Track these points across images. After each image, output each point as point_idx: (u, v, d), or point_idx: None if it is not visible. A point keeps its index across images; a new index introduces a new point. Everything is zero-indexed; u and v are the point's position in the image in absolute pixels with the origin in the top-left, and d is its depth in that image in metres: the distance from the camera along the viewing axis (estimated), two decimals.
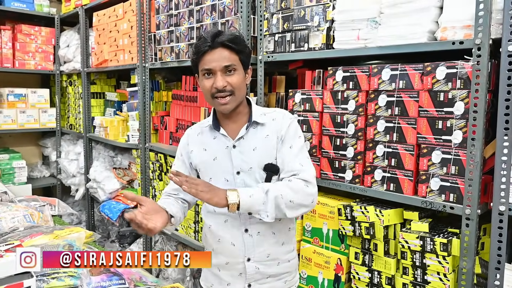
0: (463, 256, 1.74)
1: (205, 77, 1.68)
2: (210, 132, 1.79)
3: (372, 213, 2.01)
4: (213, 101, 1.69)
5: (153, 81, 3.71)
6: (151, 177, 3.63)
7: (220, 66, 1.63)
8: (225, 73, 1.65)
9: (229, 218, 1.72)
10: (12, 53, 4.77)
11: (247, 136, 1.73)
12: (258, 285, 1.76)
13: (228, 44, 1.64)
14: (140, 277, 1.99)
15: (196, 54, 1.68)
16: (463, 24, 1.72)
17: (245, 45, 1.72)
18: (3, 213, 2.60)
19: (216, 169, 1.74)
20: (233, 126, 1.76)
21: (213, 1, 2.77)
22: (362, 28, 2.06)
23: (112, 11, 3.93)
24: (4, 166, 4.68)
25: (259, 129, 1.74)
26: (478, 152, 1.68)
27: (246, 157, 1.71)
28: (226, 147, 1.73)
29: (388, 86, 1.97)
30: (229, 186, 1.69)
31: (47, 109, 5.04)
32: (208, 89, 1.67)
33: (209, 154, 1.76)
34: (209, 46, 1.64)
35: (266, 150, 1.71)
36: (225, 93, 1.65)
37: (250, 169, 1.70)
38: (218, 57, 1.64)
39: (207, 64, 1.65)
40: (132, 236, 4.49)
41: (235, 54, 1.66)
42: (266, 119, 1.74)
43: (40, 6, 4.95)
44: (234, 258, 1.74)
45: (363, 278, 2.09)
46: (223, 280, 1.79)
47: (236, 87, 1.66)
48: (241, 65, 1.70)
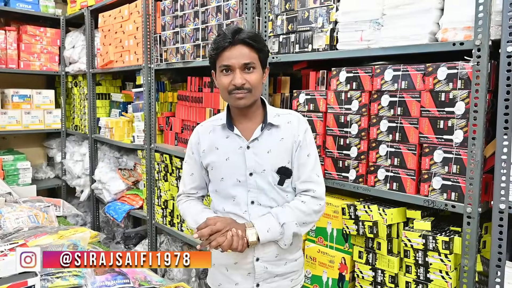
0: (464, 254, 1.76)
1: (223, 73, 1.66)
2: (222, 131, 1.77)
3: (375, 212, 2.03)
4: (229, 97, 1.67)
5: (158, 82, 3.74)
6: (156, 178, 3.66)
7: (239, 63, 1.62)
8: (244, 70, 1.63)
9: (237, 219, 1.70)
10: (17, 54, 4.79)
11: (262, 137, 1.72)
12: (266, 284, 1.76)
13: (249, 41, 1.63)
14: (145, 276, 1.99)
15: (216, 50, 1.66)
16: (463, 25, 1.75)
17: (264, 44, 1.71)
18: (8, 213, 2.62)
19: (228, 169, 1.73)
20: (247, 125, 1.74)
21: (218, 3, 2.81)
22: (365, 29, 2.09)
23: (118, 12, 3.96)
24: (9, 167, 4.67)
25: (273, 131, 1.74)
26: (478, 151, 1.70)
27: (260, 159, 1.70)
28: (240, 148, 1.72)
29: (391, 86, 1.99)
30: (241, 186, 1.72)
31: (52, 110, 5.05)
32: (226, 86, 1.65)
33: (221, 154, 1.75)
34: (229, 42, 1.62)
35: (281, 153, 1.72)
36: (242, 90, 1.63)
37: (263, 171, 1.70)
38: (238, 54, 1.62)
39: (226, 60, 1.63)
40: (137, 237, 4.51)
41: (255, 52, 1.65)
42: (280, 121, 1.74)
43: (45, 7, 4.97)
44: (243, 258, 1.72)
45: (366, 277, 2.12)
46: (231, 280, 1.78)
47: (254, 85, 1.65)
48: (259, 64, 1.68)
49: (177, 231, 3.45)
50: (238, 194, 1.73)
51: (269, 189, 1.72)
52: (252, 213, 1.72)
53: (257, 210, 1.72)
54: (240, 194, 1.73)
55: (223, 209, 1.76)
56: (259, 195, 1.72)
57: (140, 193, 4.06)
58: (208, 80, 3.16)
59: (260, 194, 1.72)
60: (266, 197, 1.72)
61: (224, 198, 1.77)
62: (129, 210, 4.01)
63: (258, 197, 1.72)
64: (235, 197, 1.74)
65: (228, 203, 1.76)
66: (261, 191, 1.72)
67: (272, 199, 1.73)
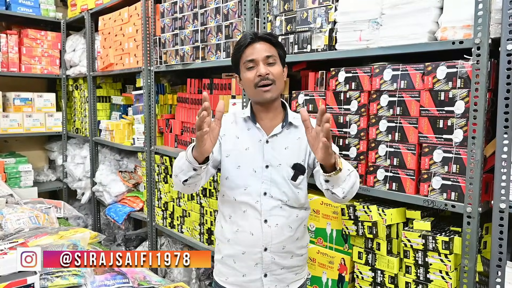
0: (464, 254, 1.75)
1: (248, 69, 1.78)
2: (244, 123, 1.87)
3: (374, 212, 2.03)
4: (256, 91, 1.77)
5: (158, 84, 3.75)
6: (156, 180, 3.66)
7: (262, 56, 1.75)
8: (266, 63, 1.76)
9: (248, 208, 1.80)
10: (19, 57, 4.81)
11: (281, 134, 1.83)
12: (273, 276, 1.83)
13: (268, 37, 1.78)
14: (144, 276, 1.99)
15: (238, 49, 1.80)
16: (462, 24, 1.74)
17: (281, 43, 1.87)
18: (9, 214, 2.63)
19: (246, 159, 1.81)
20: (268, 122, 1.84)
21: (217, 4, 2.81)
22: (364, 29, 2.08)
23: (118, 15, 3.97)
24: (11, 170, 4.69)
25: (292, 130, 1.85)
26: (478, 151, 1.69)
27: (277, 154, 1.81)
28: (259, 141, 1.82)
29: (390, 86, 1.99)
30: (256, 177, 1.80)
31: (53, 113, 5.06)
32: (252, 79, 1.76)
33: (241, 143, 1.83)
34: (251, 38, 1.77)
35: (296, 151, 1.83)
36: (267, 81, 1.74)
37: (279, 165, 1.80)
38: (260, 48, 1.76)
39: (249, 55, 1.76)
40: (138, 239, 4.52)
41: (275, 48, 1.79)
42: (299, 122, 1.82)
43: (46, 11, 5.00)
44: (252, 247, 1.80)
45: (366, 277, 2.11)
46: (239, 272, 1.84)
47: (277, 77, 1.76)
48: (279, 59, 1.80)
49: (177, 232, 3.44)
50: (252, 183, 1.80)
51: (282, 183, 1.80)
52: (263, 203, 1.79)
53: (268, 201, 1.80)
54: (254, 184, 1.80)
55: (234, 199, 1.83)
56: (272, 187, 1.80)
57: (141, 195, 4.07)
58: (208, 82, 3.16)
59: (272, 187, 1.80)
60: (278, 190, 1.80)
61: (235, 186, 1.82)
62: (130, 212, 4.02)
63: (270, 189, 1.80)
64: (248, 186, 1.80)
65: (238, 192, 1.82)
66: (274, 183, 1.80)
67: (283, 192, 1.81)
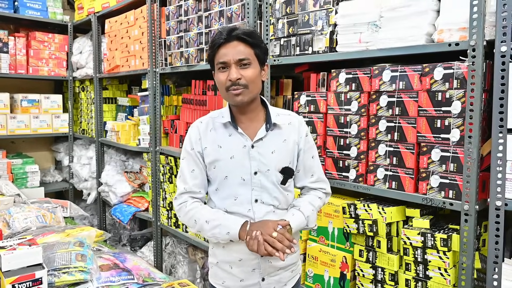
0: (462, 251, 1.78)
1: (220, 70, 1.69)
2: (224, 129, 1.78)
3: (375, 210, 2.06)
4: (227, 94, 1.70)
5: (163, 86, 3.79)
6: (161, 180, 3.70)
7: (234, 59, 1.65)
8: (239, 66, 1.66)
9: (244, 217, 1.73)
10: (26, 59, 4.87)
11: (266, 138, 1.76)
12: (270, 278, 1.80)
13: (243, 37, 1.66)
14: (149, 273, 2.01)
15: (212, 48, 1.70)
16: (458, 26, 1.78)
17: (260, 40, 1.74)
18: (16, 213, 2.69)
19: (233, 167, 1.74)
20: (250, 124, 1.77)
21: (221, 7, 2.86)
22: (364, 32, 2.13)
23: (124, 18, 4.03)
24: (17, 171, 4.72)
25: (276, 131, 1.78)
26: (474, 150, 1.72)
27: (265, 159, 1.74)
28: (244, 147, 1.74)
29: (389, 87, 2.03)
30: (245, 185, 1.74)
31: (60, 115, 5.11)
32: (223, 82, 1.68)
33: (225, 152, 1.75)
34: (224, 39, 1.66)
35: (283, 154, 1.78)
36: (238, 86, 1.66)
37: (267, 171, 1.74)
38: (233, 50, 1.66)
39: (222, 57, 1.67)
40: (143, 239, 4.55)
41: (250, 48, 1.68)
42: (282, 121, 1.79)
43: (54, 14, 5.05)
44: (249, 254, 1.73)
45: (367, 275, 2.14)
46: (236, 277, 1.80)
47: (250, 80, 1.67)
48: (256, 60, 1.70)
49: (182, 232, 3.48)
50: (242, 192, 1.75)
51: (272, 188, 1.76)
52: (256, 211, 1.75)
53: (260, 208, 1.76)
54: (244, 193, 1.75)
55: (225, 209, 1.77)
56: (263, 194, 1.76)
57: (146, 195, 4.11)
58: (212, 83, 3.20)
59: (263, 193, 1.76)
60: (269, 195, 1.77)
61: (225, 197, 1.77)
62: (135, 212, 4.06)
63: (261, 196, 1.76)
64: (239, 195, 1.75)
65: (229, 203, 1.77)
66: (265, 189, 1.76)
67: (274, 197, 1.78)
